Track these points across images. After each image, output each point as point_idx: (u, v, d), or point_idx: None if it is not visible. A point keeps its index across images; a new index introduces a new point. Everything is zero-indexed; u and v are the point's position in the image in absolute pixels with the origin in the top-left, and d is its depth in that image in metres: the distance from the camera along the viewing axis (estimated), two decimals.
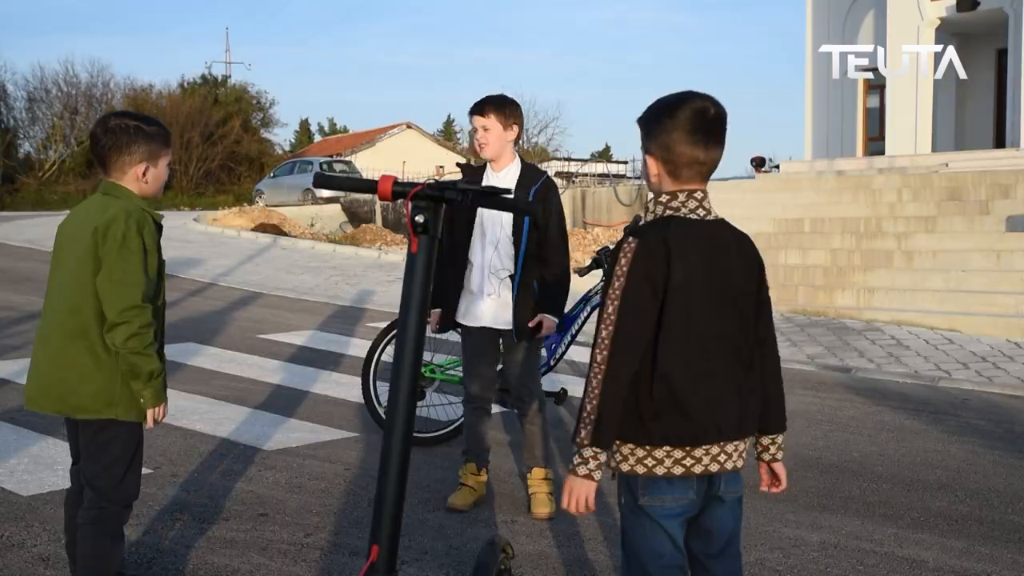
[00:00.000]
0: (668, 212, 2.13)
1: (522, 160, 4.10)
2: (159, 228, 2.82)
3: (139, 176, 2.77)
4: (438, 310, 4.15)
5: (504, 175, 4.01)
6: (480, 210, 3.95)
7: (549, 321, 4.00)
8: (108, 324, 2.65)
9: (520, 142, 4.12)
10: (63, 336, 2.73)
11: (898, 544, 3.80)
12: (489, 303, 4.04)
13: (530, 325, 3.98)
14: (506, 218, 3.97)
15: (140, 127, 2.76)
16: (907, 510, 4.23)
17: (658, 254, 2.05)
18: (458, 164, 4.40)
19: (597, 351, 2.06)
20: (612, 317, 2.04)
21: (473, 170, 4.14)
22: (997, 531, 3.99)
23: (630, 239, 2.08)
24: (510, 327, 4.02)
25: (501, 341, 4.17)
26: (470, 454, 4.19)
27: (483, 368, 4.16)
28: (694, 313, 2.07)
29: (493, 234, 4.02)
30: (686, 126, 2.09)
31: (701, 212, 2.13)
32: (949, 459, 5.10)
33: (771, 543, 3.77)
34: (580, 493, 2.07)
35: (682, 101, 2.12)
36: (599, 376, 2.03)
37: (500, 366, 4.30)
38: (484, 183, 3.98)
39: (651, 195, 2.19)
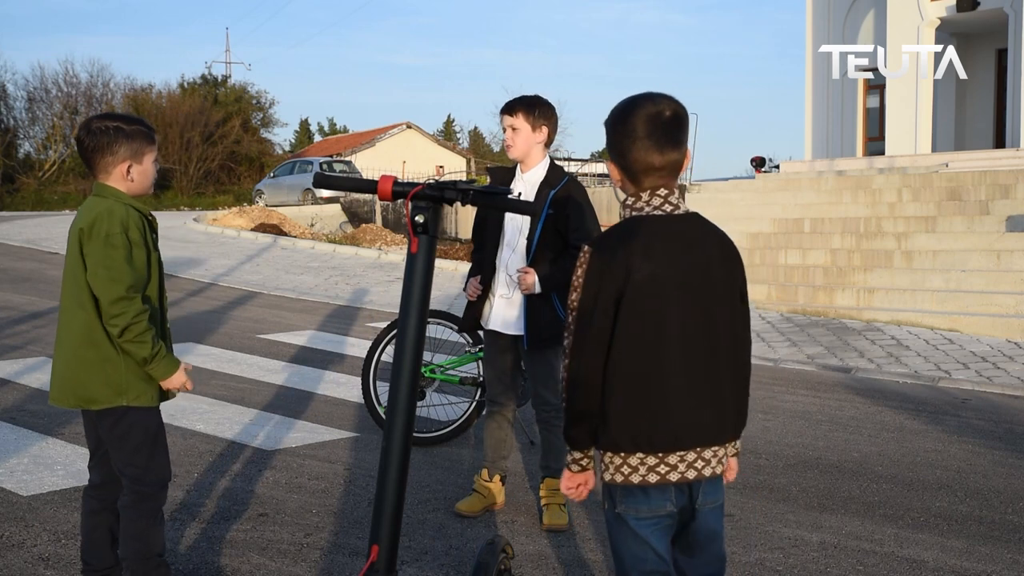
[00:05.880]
0: (633, 214, 2.10)
1: (552, 161, 3.99)
2: (148, 223, 2.89)
3: (124, 175, 2.86)
4: (477, 276, 4.03)
5: (531, 176, 3.93)
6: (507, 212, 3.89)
7: (530, 277, 3.77)
8: (105, 317, 2.75)
9: (551, 144, 4.03)
10: (69, 334, 2.83)
11: (898, 544, 3.80)
12: (501, 305, 3.97)
13: (518, 270, 3.82)
14: (526, 220, 3.89)
15: (120, 127, 2.85)
16: (907, 510, 4.23)
17: (614, 259, 2.02)
18: (487, 167, 4.37)
19: (564, 358, 2.11)
20: (572, 327, 2.07)
21: (503, 171, 4.08)
22: (997, 531, 3.98)
23: (586, 248, 2.07)
24: (520, 332, 3.92)
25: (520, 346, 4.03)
26: (485, 460, 4.12)
27: (499, 371, 4.07)
28: (662, 312, 2.03)
29: (512, 236, 3.95)
30: (638, 132, 2.06)
31: (668, 208, 2.08)
32: (949, 459, 5.09)
33: (771, 543, 3.77)
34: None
35: (634, 106, 2.08)
36: (563, 382, 2.09)
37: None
38: (513, 184, 3.93)
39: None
